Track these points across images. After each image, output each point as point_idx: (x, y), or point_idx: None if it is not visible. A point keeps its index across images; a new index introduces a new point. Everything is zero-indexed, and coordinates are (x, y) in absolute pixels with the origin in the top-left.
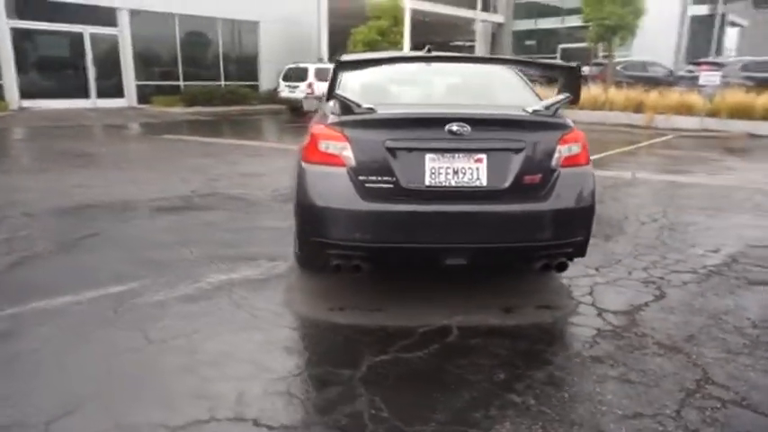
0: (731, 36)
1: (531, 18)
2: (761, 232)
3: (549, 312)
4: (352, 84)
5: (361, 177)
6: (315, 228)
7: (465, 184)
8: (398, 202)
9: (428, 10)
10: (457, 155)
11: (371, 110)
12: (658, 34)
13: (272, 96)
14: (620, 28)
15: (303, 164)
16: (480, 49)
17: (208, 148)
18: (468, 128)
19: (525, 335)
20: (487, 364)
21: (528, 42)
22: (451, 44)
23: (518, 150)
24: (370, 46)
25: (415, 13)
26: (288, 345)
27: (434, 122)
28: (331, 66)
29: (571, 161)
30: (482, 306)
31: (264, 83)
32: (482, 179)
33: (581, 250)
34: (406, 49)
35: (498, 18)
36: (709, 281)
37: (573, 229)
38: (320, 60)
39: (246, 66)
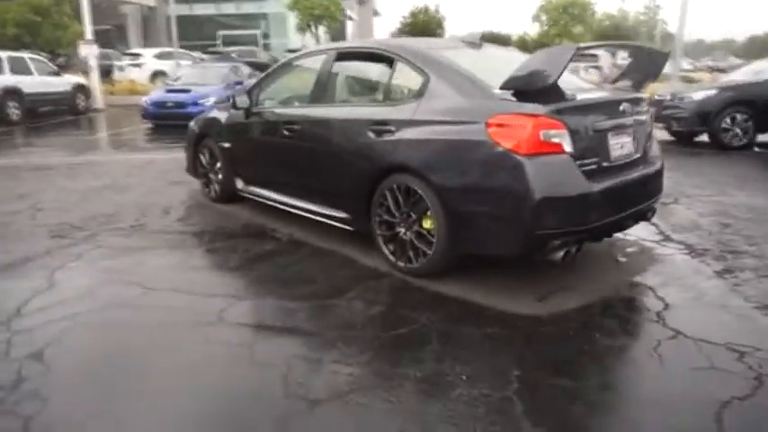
0: (350, 27)
1: (186, 3)
2: None
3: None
4: (460, 67)
5: (578, 162)
6: (545, 220)
7: (627, 155)
8: (605, 179)
9: None
10: (622, 131)
11: (573, 96)
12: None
13: None
14: (325, 17)
15: (519, 156)
16: (133, 34)
17: None
18: (630, 107)
19: (645, 285)
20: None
21: (184, 27)
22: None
23: (644, 123)
24: (29, 27)
25: None
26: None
27: (615, 104)
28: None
29: (651, 127)
30: (582, 277)
31: None
32: (632, 149)
33: None
34: (90, 34)
35: (149, 1)
36: None
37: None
38: None
39: None
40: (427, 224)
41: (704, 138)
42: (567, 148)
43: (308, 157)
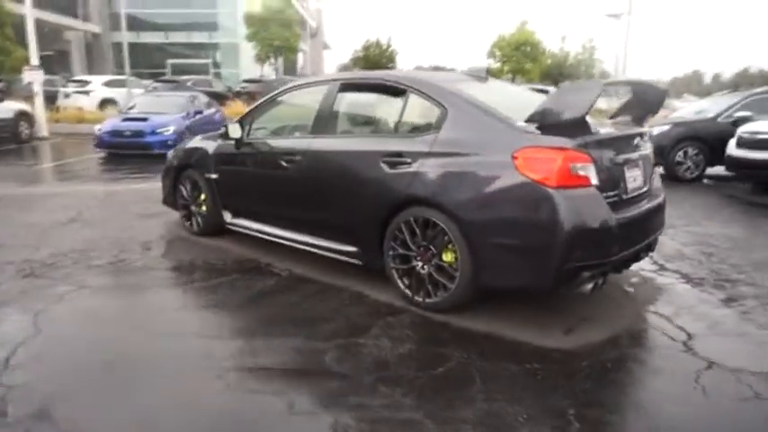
0: (300, 59)
1: (134, 31)
2: None
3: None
4: (478, 100)
5: (603, 194)
6: (576, 252)
7: (639, 188)
8: (624, 211)
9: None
10: (634, 164)
11: (597, 130)
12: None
13: None
14: (284, 48)
15: (549, 189)
16: (76, 61)
17: None
18: (640, 141)
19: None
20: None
21: (132, 55)
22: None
23: (649, 157)
24: None
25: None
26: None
27: (630, 138)
28: None
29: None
30: (597, 308)
31: None
32: (641, 182)
33: None
34: (36, 60)
35: (94, 28)
36: None
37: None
38: None
39: None
40: (448, 257)
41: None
42: (594, 180)
43: (311, 189)
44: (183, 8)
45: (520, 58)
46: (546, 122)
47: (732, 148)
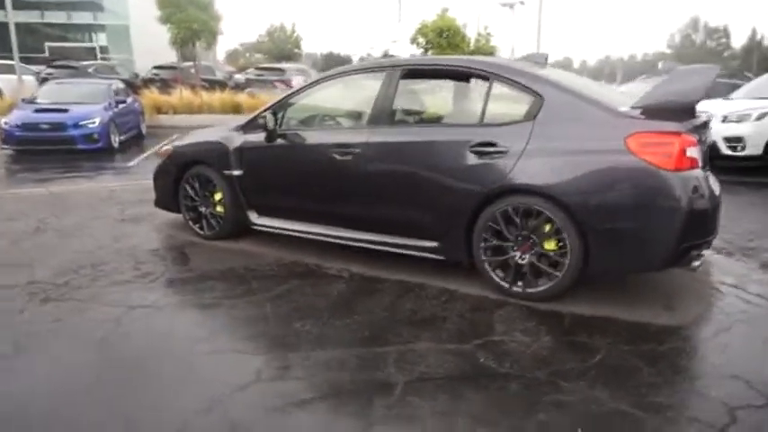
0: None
1: (1, 9)
2: None
3: None
4: (573, 87)
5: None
6: (691, 232)
7: (705, 166)
8: (713, 190)
9: None
10: (705, 144)
11: (698, 115)
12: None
13: None
14: (203, 32)
15: (668, 172)
16: None
17: None
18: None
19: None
20: None
21: None
22: None
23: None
24: None
25: None
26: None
27: (708, 121)
28: None
29: None
30: (668, 283)
31: None
32: (707, 162)
33: None
34: None
35: None
36: None
37: None
38: None
39: None
40: (549, 245)
41: None
42: (700, 162)
43: (376, 184)
44: None
45: (443, 45)
46: (658, 107)
47: None
